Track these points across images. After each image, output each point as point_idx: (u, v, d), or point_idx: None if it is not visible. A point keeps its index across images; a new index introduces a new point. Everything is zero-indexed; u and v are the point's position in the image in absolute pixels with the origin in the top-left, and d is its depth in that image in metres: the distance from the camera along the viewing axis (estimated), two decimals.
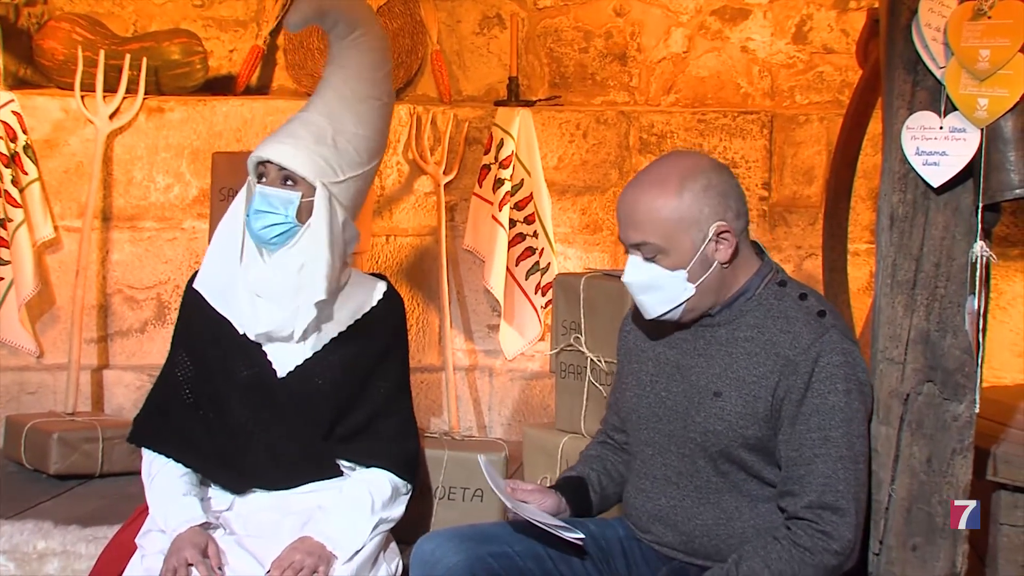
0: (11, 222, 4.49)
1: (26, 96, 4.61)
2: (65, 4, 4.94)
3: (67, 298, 4.64)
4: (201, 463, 2.81)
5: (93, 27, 4.78)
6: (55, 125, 4.66)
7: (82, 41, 4.67)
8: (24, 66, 4.84)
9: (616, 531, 2.64)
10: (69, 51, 4.66)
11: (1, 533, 3.35)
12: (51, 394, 4.61)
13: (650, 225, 2.42)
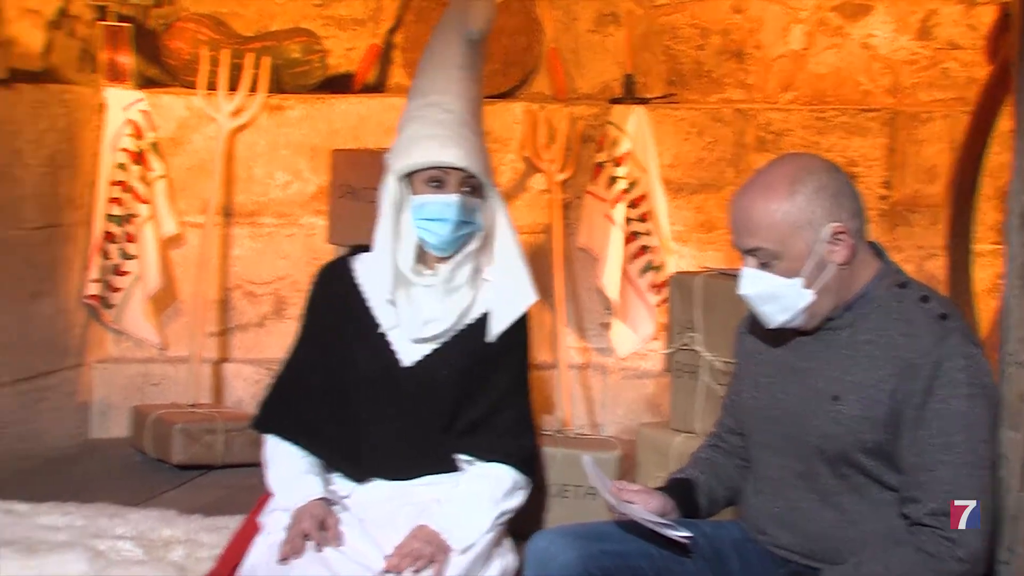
0: (138, 218, 4.64)
1: (153, 95, 4.75)
2: (191, 5, 5.08)
3: (190, 292, 4.78)
4: (323, 450, 2.87)
5: (217, 27, 4.91)
6: (180, 123, 4.80)
7: (207, 41, 4.81)
8: (152, 66, 4.98)
9: (731, 533, 2.62)
10: (194, 51, 4.79)
11: (129, 520, 3.47)
12: (174, 386, 4.74)
13: (763, 229, 2.40)
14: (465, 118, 2.90)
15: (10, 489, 3.77)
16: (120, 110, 4.63)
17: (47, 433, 4.47)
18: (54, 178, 4.44)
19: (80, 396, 4.65)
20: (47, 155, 4.39)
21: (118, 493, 3.84)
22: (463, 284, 2.87)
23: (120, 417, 4.66)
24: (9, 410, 4.29)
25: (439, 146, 2.81)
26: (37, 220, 4.38)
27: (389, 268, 2.84)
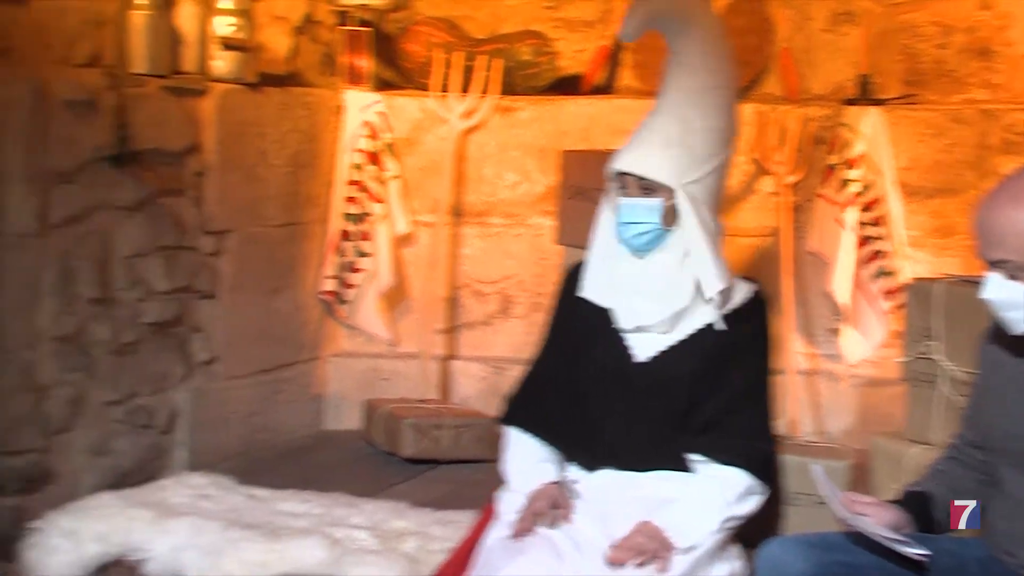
0: (372, 216, 4.78)
1: (389, 97, 4.89)
2: (426, 9, 5.20)
3: (420, 290, 4.90)
4: (559, 442, 2.94)
5: (451, 30, 5.02)
6: (414, 124, 4.92)
7: (441, 44, 4.92)
8: (388, 69, 5.13)
9: (975, 551, 2.53)
10: (428, 54, 4.91)
11: (363, 511, 3.58)
12: (403, 381, 4.87)
13: (1011, 241, 2.31)
14: (661, 121, 2.94)
15: (252, 475, 3.95)
16: (358, 112, 4.78)
17: (285, 423, 4.66)
18: (295, 177, 4.63)
19: (315, 388, 4.83)
20: (290, 155, 4.58)
21: (352, 483, 3.97)
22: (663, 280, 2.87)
23: (352, 410, 4.81)
24: (250, 400, 4.49)
25: (623, 152, 2.92)
26: (279, 218, 4.57)
27: (600, 265, 2.94)
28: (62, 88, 3.63)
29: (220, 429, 4.34)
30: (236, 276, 4.38)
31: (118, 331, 3.89)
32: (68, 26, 3.81)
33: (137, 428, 3.98)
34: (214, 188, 4.25)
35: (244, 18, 4.23)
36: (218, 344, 4.32)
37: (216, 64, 4.21)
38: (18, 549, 3.31)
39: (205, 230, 4.24)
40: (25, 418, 3.59)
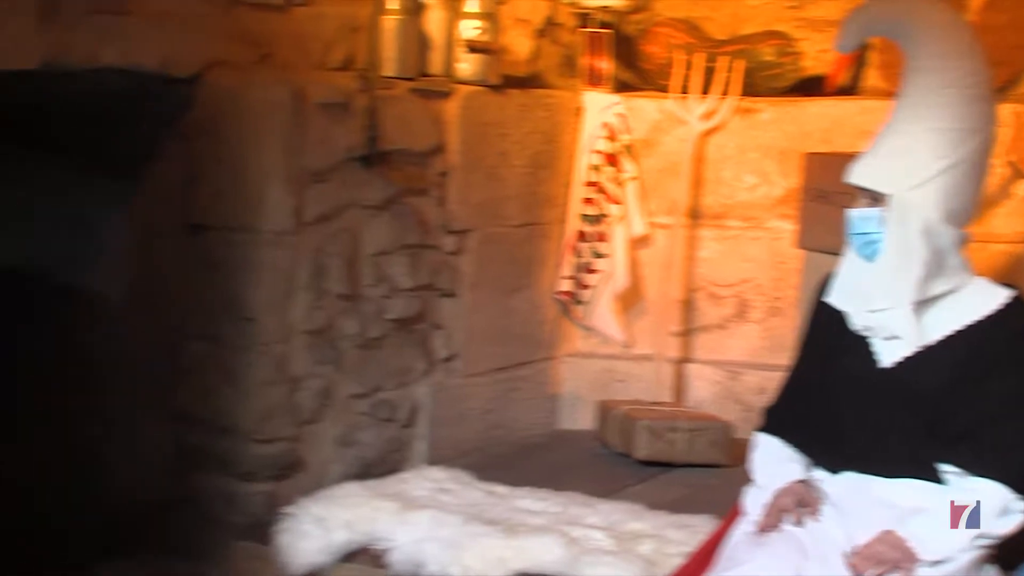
0: (609, 217, 4.79)
1: (628, 98, 4.88)
2: (666, 10, 5.16)
3: (655, 292, 4.88)
4: (806, 444, 2.90)
5: (691, 31, 4.97)
6: (652, 126, 4.90)
7: (681, 45, 4.88)
8: (626, 70, 5.13)
9: None
10: (668, 55, 4.89)
11: (599, 511, 3.59)
12: (637, 383, 4.85)
13: None
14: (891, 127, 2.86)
15: (489, 472, 4.02)
16: (597, 113, 4.79)
17: (520, 421, 4.72)
18: (535, 178, 4.67)
19: (550, 388, 4.87)
20: (530, 156, 4.62)
21: (586, 483, 3.98)
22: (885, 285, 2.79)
23: (586, 410, 4.83)
24: (487, 397, 4.56)
25: (855, 161, 2.88)
26: (519, 218, 4.63)
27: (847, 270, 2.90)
28: (318, 91, 3.77)
29: (458, 425, 4.43)
30: (476, 275, 4.46)
31: (364, 326, 4.01)
32: (325, 32, 3.96)
33: (380, 421, 4.09)
34: (456, 188, 4.33)
35: (489, 21, 4.30)
36: (458, 341, 4.40)
37: (461, 67, 4.30)
38: (271, 533, 3.45)
39: (447, 229, 4.33)
40: (278, 408, 3.74)
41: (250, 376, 3.71)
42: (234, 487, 3.70)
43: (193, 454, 3.75)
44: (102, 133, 3.69)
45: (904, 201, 2.77)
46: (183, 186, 3.73)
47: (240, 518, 3.68)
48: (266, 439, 3.72)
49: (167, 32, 3.44)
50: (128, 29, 3.32)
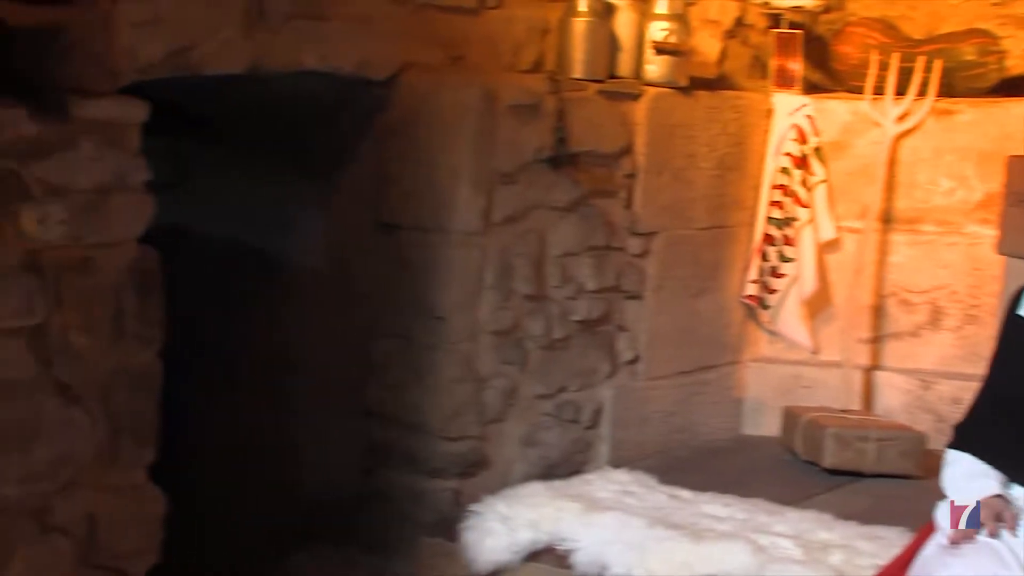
0: (797, 221, 4.68)
1: (818, 100, 4.77)
2: (860, 9, 5.04)
3: (844, 297, 4.75)
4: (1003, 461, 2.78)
5: (887, 31, 4.83)
6: (843, 128, 4.78)
7: (876, 45, 4.74)
8: (817, 71, 5.02)
9: None
10: (862, 55, 4.76)
11: (787, 519, 3.52)
12: (823, 390, 4.73)
13: None
14: None
15: (673, 475, 3.98)
16: (786, 115, 4.69)
17: (703, 425, 4.66)
18: (722, 180, 4.60)
19: (734, 392, 4.79)
20: (718, 158, 4.56)
21: (772, 490, 3.90)
22: None
23: (770, 416, 4.73)
24: (671, 401, 4.52)
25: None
26: (705, 220, 4.56)
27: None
28: (509, 93, 3.78)
29: (640, 427, 4.39)
30: (661, 277, 4.42)
31: (550, 327, 4.01)
32: (515, 34, 3.98)
33: (564, 422, 4.09)
34: (643, 190, 4.30)
35: (678, 23, 4.25)
36: (642, 344, 4.37)
37: (650, 68, 4.26)
38: (457, 530, 3.49)
39: (633, 231, 4.30)
40: (465, 407, 3.78)
41: (438, 374, 3.75)
42: (422, 484, 3.75)
43: (382, 450, 3.81)
44: (301, 134, 3.79)
45: None
46: (375, 186, 3.79)
47: (427, 514, 3.73)
48: (453, 437, 3.76)
49: (364, 36, 3.51)
50: (327, 33, 3.40)
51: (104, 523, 2.76)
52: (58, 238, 2.56)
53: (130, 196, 2.72)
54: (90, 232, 2.64)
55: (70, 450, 2.65)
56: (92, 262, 2.67)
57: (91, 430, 2.70)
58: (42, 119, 2.51)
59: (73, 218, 2.57)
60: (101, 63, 2.61)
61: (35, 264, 2.56)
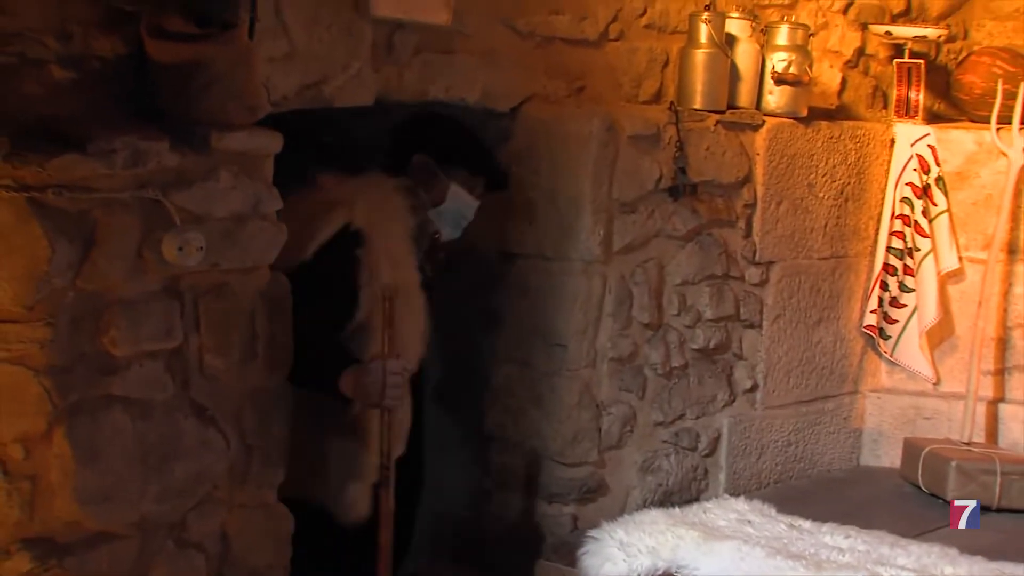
0: (918, 251, 4.58)
1: (941, 129, 4.66)
2: (985, 38, 4.93)
3: (966, 328, 4.62)
4: None
5: (1014, 59, 4.70)
6: (967, 157, 4.66)
7: (1002, 74, 4.62)
8: (939, 101, 4.92)
9: None
10: (987, 84, 4.64)
11: (909, 552, 3.42)
12: (946, 421, 4.61)
13: None
14: None
15: (792, 505, 3.89)
16: (908, 145, 4.60)
17: (821, 455, 4.56)
18: (842, 210, 4.52)
19: (854, 423, 4.69)
20: (837, 188, 4.48)
21: (893, 522, 3.79)
22: None
23: (890, 447, 4.63)
24: (789, 430, 4.44)
25: None
26: (824, 250, 4.49)
27: None
28: (630, 124, 3.78)
29: (758, 456, 4.32)
30: (780, 306, 4.35)
31: (668, 355, 3.98)
32: (636, 66, 3.98)
33: (682, 449, 4.05)
34: (762, 219, 4.25)
35: (798, 54, 4.19)
36: (760, 372, 4.31)
37: (769, 98, 4.22)
38: (576, 555, 3.46)
39: (752, 260, 4.25)
40: (584, 433, 3.76)
41: (558, 400, 3.74)
42: (541, 508, 3.74)
43: (502, 473, 3.81)
44: None
45: None
46: (498, 214, 3.81)
47: (545, 538, 3.71)
48: (572, 463, 3.75)
49: (488, 68, 3.53)
50: (453, 66, 3.43)
51: (237, 540, 2.80)
52: (197, 264, 2.61)
53: (264, 224, 2.77)
54: (226, 258, 2.69)
55: (205, 469, 2.70)
56: (228, 287, 2.72)
57: (224, 450, 2.74)
58: (184, 150, 2.57)
59: (211, 245, 2.62)
60: (239, 97, 2.66)
61: (175, 289, 2.62)
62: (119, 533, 2.56)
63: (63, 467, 2.45)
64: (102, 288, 2.49)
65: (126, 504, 2.55)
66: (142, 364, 2.57)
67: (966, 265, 4.66)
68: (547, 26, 3.69)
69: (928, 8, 4.90)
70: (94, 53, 2.57)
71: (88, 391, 2.49)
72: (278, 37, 2.91)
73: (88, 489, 2.48)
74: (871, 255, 4.62)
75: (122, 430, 2.54)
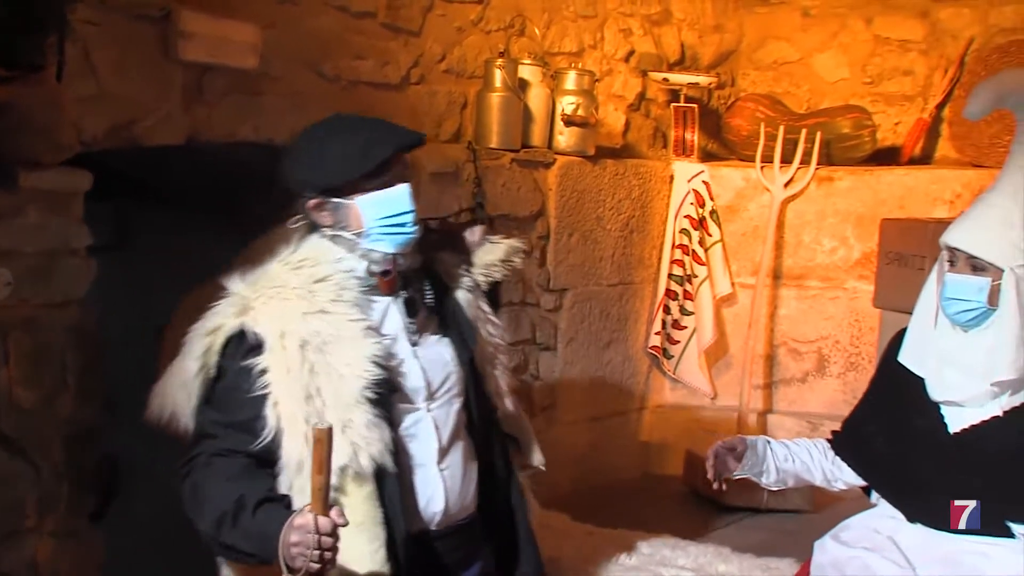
0: (696, 278, 4.76)
1: (713, 167, 4.87)
2: (749, 86, 5.18)
3: (739, 347, 4.83)
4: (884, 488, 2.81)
5: (774, 105, 4.96)
6: (736, 192, 4.88)
7: (763, 118, 4.87)
8: (712, 141, 5.13)
9: None
10: (752, 127, 4.88)
11: (688, 553, 3.54)
12: (722, 432, 4.79)
13: None
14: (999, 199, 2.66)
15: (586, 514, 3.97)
16: (685, 181, 4.79)
17: (613, 466, 4.67)
18: (628, 241, 4.67)
19: (642, 435, 4.82)
20: (623, 221, 4.62)
21: (675, 525, 3.92)
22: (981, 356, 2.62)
23: (674, 457, 4.78)
24: (584, 443, 4.53)
25: (956, 226, 2.68)
26: (613, 278, 4.62)
27: (920, 333, 2.74)
28: (431, 161, 3.81)
29: (554, 469, 4.38)
30: (573, 330, 4.45)
31: None
32: (437, 107, 4.02)
33: None
34: (555, 250, 4.34)
35: (586, 97, 4.32)
36: (556, 392, 4.39)
37: (560, 138, 4.32)
38: None
39: (547, 288, 4.33)
40: None
41: None
42: None
43: None
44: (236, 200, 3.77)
45: (1016, 278, 2.60)
46: None
47: None
48: None
49: (296, 110, 3.51)
50: (262, 107, 3.40)
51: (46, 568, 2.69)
52: (6, 299, 2.51)
53: (73, 260, 2.69)
54: (36, 294, 2.60)
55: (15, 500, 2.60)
56: (37, 321, 2.63)
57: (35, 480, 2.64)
58: None
59: (19, 280, 2.53)
60: (48, 136, 2.58)
61: None
62: None
63: None
64: None
65: None
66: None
67: (738, 290, 4.87)
68: (352, 71, 3.70)
69: (700, 58, 5.12)
70: None
71: None
72: (87, 78, 2.83)
73: None
74: (654, 281, 4.79)
75: None
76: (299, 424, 2.36)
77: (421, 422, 2.51)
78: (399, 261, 2.54)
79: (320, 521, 2.21)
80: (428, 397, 2.53)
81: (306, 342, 2.39)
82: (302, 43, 3.50)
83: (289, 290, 2.46)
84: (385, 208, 2.52)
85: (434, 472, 2.51)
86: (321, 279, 2.49)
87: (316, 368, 2.39)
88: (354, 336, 2.43)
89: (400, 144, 2.59)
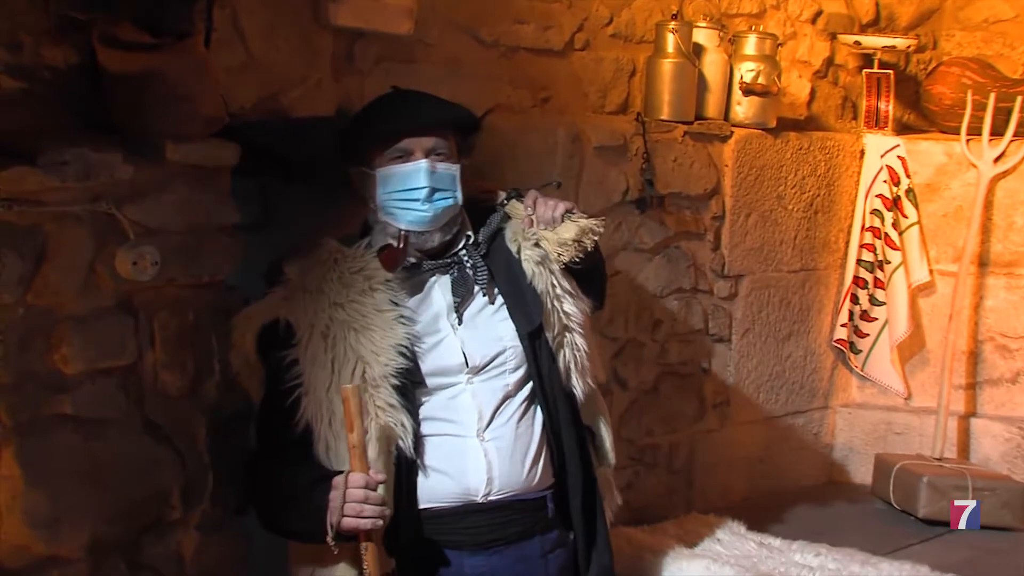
0: (889, 264, 4.61)
1: (910, 141, 4.71)
2: (954, 49, 4.99)
3: (937, 342, 4.67)
4: None
5: (983, 70, 4.76)
6: (937, 169, 4.71)
7: (971, 85, 4.68)
8: (909, 111, 4.97)
9: None
10: (957, 95, 4.70)
11: (880, 570, 3.45)
12: (917, 436, 4.65)
13: None
14: None
15: (760, 522, 3.92)
16: (878, 156, 4.64)
17: (791, 471, 4.59)
18: (812, 222, 4.56)
19: (824, 438, 4.72)
20: (807, 200, 4.52)
21: (863, 539, 3.83)
22: None
23: (861, 462, 4.66)
24: (760, 446, 4.46)
25: None
26: (794, 263, 4.52)
27: None
28: (596, 134, 3.79)
29: (727, 472, 4.35)
30: (749, 320, 4.38)
31: (636, 370, 3.99)
32: (603, 76, 4.00)
33: (651, 466, 4.06)
34: (731, 232, 4.28)
35: (767, 64, 4.23)
36: (730, 387, 4.33)
37: (738, 109, 4.25)
38: None
39: (721, 273, 4.27)
40: None
41: None
42: None
43: None
44: None
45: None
46: None
47: None
48: None
49: (452, 78, 3.54)
50: (416, 76, 3.43)
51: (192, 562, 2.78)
52: (151, 279, 2.59)
53: (219, 237, 2.76)
54: (181, 273, 2.68)
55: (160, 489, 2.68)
56: (183, 302, 2.71)
57: (180, 470, 2.73)
58: (137, 162, 2.56)
59: (165, 259, 2.61)
60: (195, 107, 2.66)
61: (129, 305, 2.61)
62: (69, 557, 2.54)
63: (12, 489, 2.42)
64: (53, 304, 2.47)
65: (77, 526, 2.53)
66: (94, 382, 2.54)
67: (937, 278, 4.70)
68: (511, 36, 3.71)
69: (897, 18, 4.96)
70: (45, 63, 2.56)
71: (38, 410, 2.46)
72: (235, 46, 2.90)
73: (38, 512, 2.46)
74: (841, 268, 4.66)
75: (74, 450, 2.52)
76: (324, 412, 2.59)
77: (460, 396, 2.68)
78: (412, 239, 2.72)
79: (351, 477, 2.44)
80: (469, 371, 2.68)
81: (333, 331, 2.62)
82: (459, 7, 3.53)
83: (329, 279, 2.68)
84: (394, 183, 2.74)
85: (474, 443, 2.65)
86: (358, 271, 2.70)
87: (347, 353, 2.61)
88: (383, 325, 2.64)
89: (421, 120, 2.78)
